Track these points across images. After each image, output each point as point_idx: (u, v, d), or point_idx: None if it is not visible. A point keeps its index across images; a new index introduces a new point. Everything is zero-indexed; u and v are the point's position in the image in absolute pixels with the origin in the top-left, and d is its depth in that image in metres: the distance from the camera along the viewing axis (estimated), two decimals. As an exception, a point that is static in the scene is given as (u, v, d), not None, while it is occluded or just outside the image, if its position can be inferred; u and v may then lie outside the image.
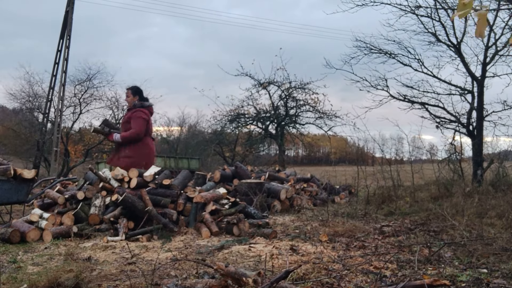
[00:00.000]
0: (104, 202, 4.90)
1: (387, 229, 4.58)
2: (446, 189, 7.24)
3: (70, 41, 16.51)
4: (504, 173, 8.49)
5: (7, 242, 4.13)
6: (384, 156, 10.50)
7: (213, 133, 19.78)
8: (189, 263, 3.12)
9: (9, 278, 2.82)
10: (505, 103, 9.31)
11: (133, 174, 5.18)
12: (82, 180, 5.64)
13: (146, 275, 2.82)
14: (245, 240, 4.17)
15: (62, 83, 16.67)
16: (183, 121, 26.41)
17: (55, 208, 5.29)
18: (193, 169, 13.70)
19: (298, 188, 7.87)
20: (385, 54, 10.17)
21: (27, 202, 5.61)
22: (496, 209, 5.19)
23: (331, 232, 4.40)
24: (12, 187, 5.20)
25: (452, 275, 2.79)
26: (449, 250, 3.51)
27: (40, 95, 18.81)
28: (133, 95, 6.10)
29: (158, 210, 4.69)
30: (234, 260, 3.37)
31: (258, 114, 18.26)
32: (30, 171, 5.33)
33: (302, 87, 17.39)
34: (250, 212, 5.24)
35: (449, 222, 4.46)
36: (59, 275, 2.73)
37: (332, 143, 22.85)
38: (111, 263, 3.33)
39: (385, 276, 2.81)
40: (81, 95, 19.22)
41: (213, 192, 5.41)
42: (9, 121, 20.80)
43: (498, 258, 3.17)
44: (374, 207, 6.37)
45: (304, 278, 2.68)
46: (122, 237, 4.21)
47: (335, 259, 3.24)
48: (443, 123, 9.95)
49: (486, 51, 9.17)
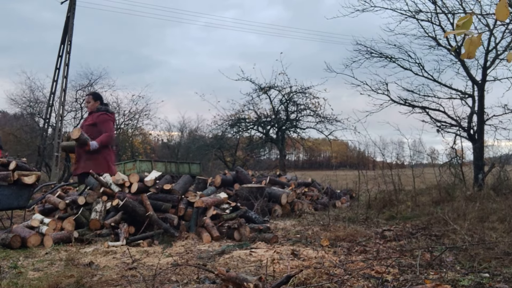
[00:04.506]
0: (105, 207, 4.89)
1: (388, 234, 4.57)
2: (447, 193, 7.22)
3: (71, 46, 16.58)
4: (506, 177, 8.47)
5: (7, 248, 4.12)
6: (385, 160, 10.51)
7: (214, 138, 19.81)
8: (190, 268, 3.12)
9: (9, 284, 2.81)
10: (505, 107, 9.33)
11: (134, 179, 5.17)
12: (83, 185, 5.64)
13: (147, 281, 2.81)
14: (246, 245, 4.16)
15: (63, 88, 16.73)
16: (183, 125, 26.48)
17: (56, 213, 5.28)
18: (194, 174, 13.71)
19: (299, 193, 7.86)
20: (386, 58, 10.20)
21: (28, 207, 5.61)
22: (498, 213, 5.18)
23: (332, 236, 4.39)
24: (13, 193, 5.20)
25: (454, 279, 2.78)
26: (450, 254, 3.50)
27: (41, 101, 18.92)
28: (94, 100, 6.22)
29: (159, 215, 4.69)
30: (235, 265, 3.36)
31: (259, 119, 18.29)
32: (31, 177, 5.34)
33: (302, 91, 17.43)
34: (251, 217, 5.23)
35: (450, 227, 4.44)
36: (60, 281, 2.73)
37: (333, 148, 22.89)
38: (112, 269, 3.32)
39: (387, 280, 2.80)
40: (82, 100, 19.27)
41: (214, 197, 5.41)
42: (10, 127, 20.86)
43: (500, 263, 3.16)
44: (375, 212, 6.35)
45: (305, 283, 2.67)
46: (123, 242, 4.20)
47: (336, 264, 3.23)
48: (444, 127, 9.96)
49: (486, 55, 9.19)
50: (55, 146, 16.70)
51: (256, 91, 17.60)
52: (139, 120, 21.51)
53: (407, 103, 10.19)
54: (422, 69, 9.94)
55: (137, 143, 24.34)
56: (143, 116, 21.20)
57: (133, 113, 21.00)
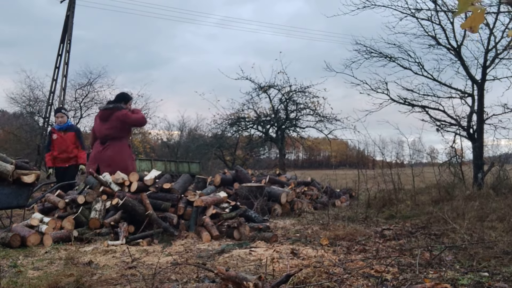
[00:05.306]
0: (104, 206, 4.89)
1: (388, 233, 4.57)
2: (447, 192, 7.23)
3: (71, 45, 16.57)
4: (505, 176, 8.48)
5: (7, 247, 4.12)
6: (384, 159, 10.51)
7: (213, 137, 19.80)
8: (190, 267, 3.12)
9: (9, 283, 2.81)
10: (505, 106, 9.32)
11: (134, 178, 5.17)
12: (83, 184, 5.64)
13: (147, 280, 2.82)
14: (245, 244, 4.16)
15: (63, 87, 16.72)
16: (183, 125, 26.48)
17: (55, 212, 5.29)
18: (194, 173, 13.71)
19: (298, 192, 7.86)
20: (385, 57, 10.19)
21: (27, 206, 5.60)
22: (497, 212, 5.18)
23: (332, 235, 4.39)
24: (13, 192, 5.19)
25: (453, 278, 2.79)
26: (450, 253, 3.50)
27: (41, 99, 18.88)
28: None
29: (159, 214, 4.69)
30: (235, 264, 3.36)
31: (259, 118, 18.28)
32: (30, 176, 5.33)
33: (302, 90, 17.42)
34: (251, 216, 5.24)
35: (450, 226, 4.45)
36: (60, 280, 2.73)
37: (332, 147, 22.88)
38: (111, 268, 3.32)
39: (386, 280, 2.80)
40: (82, 99, 19.28)
41: (214, 196, 5.41)
42: (10, 125, 20.83)
43: (499, 262, 3.16)
44: (375, 211, 6.35)
45: (305, 282, 2.67)
46: (122, 241, 4.20)
47: (336, 263, 3.24)
48: (444, 126, 9.96)
49: (486, 54, 9.18)
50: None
51: (256, 90, 17.60)
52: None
53: (407, 102, 10.18)
54: (421, 68, 9.94)
55: (137, 142, 24.34)
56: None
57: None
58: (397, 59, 10.10)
